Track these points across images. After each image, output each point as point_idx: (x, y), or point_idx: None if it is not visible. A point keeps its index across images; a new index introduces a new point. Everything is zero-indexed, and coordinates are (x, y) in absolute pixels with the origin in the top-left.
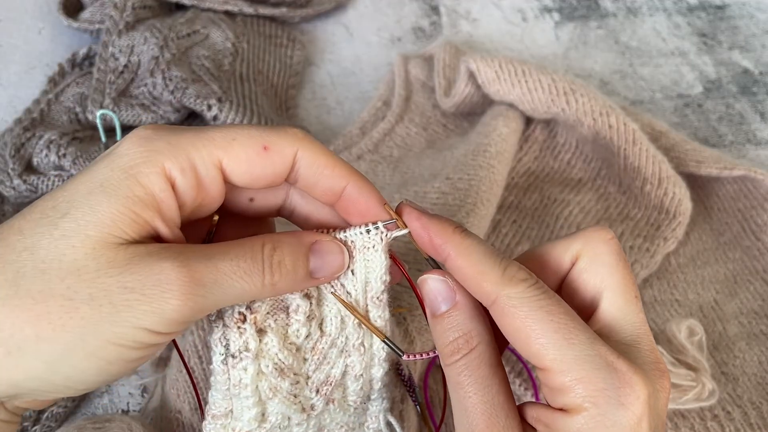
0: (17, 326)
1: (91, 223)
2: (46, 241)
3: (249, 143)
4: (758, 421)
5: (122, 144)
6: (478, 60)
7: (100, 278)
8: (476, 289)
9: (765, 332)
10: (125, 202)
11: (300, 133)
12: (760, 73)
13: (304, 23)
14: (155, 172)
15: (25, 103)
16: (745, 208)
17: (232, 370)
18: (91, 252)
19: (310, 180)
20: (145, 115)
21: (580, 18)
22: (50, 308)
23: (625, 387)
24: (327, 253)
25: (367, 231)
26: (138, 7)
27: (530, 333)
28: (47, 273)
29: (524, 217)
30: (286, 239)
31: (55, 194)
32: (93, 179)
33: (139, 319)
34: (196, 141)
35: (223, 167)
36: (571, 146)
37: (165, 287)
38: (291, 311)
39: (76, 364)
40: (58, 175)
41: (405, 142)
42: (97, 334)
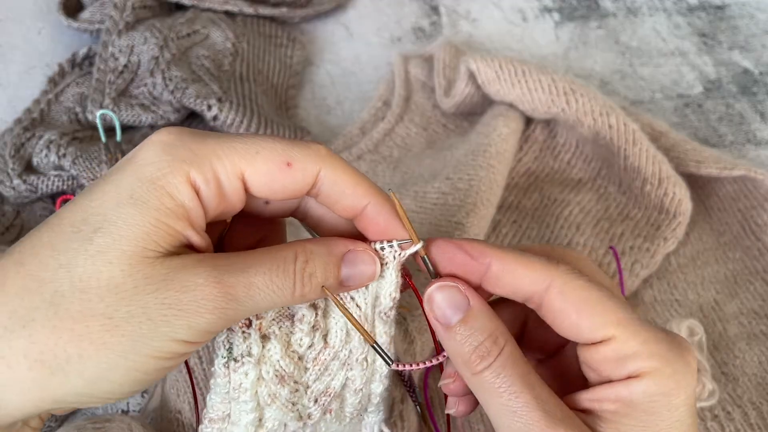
0: (60, 347)
1: (125, 237)
2: (81, 258)
3: (272, 158)
4: (758, 422)
5: (145, 151)
6: (478, 60)
7: (138, 295)
8: (527, 282)
9: (765, 332)
10: (157, 214)
11: (323, 150)
12: (760, 73)
13: (304, 23)
14: (182, 182)
15: (25, 103)
16: (745, 208)
17: (233, 373)
18: (128, 268)
19: (331, 197)
20: (145, 115)
21: (580, 18)
22: (91, 328)
23: (683, 346)
24: (360, 263)
25: (381, 249)
26: (138, 7)
27: (593, 302)
28: (86, 292)
29: (524, 217)
30: (318, 250)
31: (83, 205)
32: (121, 190)
33: (177, 332)
34: (219, 150)
35: (245, 179)
36: (571, 146)
37: (200, 302)
38: (296, 320)
39: (116, 379)
40: (57, 175)
41: (405, 142)
42: (136, 350)
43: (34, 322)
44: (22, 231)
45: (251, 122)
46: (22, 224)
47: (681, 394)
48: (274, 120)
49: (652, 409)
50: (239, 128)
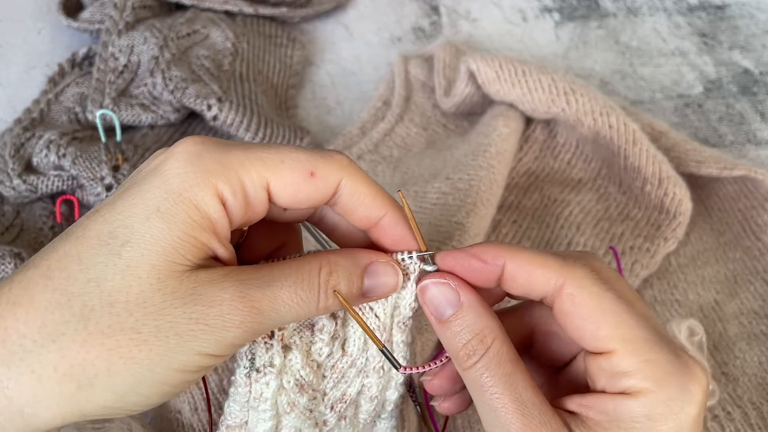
0: (89, 361)
1: (153, 252)
2: (110, 273)
3: (297, 167)
4: (758, 422)
5: (171, 162)
6: (478, 60)
7: (166, 310)
8: (541, 281)
9: (765, 332)
10: (184, 227)
11: (345, 161)
12: (760, 73)
13: (304, 23)
14: (210, 194)
15: (25, 103)
16: (746, 208)
17: (255, 383)
18: (156, 282)
19: (349, 206)
20: (145, 115)
21: (580, 18)
22: (120, 342)
23: (690, 374)
24: (383, 275)
25: (402, 260)
26: (138, 7)
27: (601, 312)
28: (115, 306)
29: (524, 217)
30: (342, 262)
31: (108, 217)
32: (147, 203)
33: (203, 347)
34: (245, 161)
35: (270, 189)
36: (571, 146)
37: (227, 317)
38: (316, 330)
39: (143, 392)
40: (57, 175)
41: (405, 142)
42: (164, 364)
43: (64, 337)
44: (22, 231)
45: (251, 122)
46: (21, 224)
47: (669, 421)
48: (274, 120)
49: (632, 429)
50: (239, 128)
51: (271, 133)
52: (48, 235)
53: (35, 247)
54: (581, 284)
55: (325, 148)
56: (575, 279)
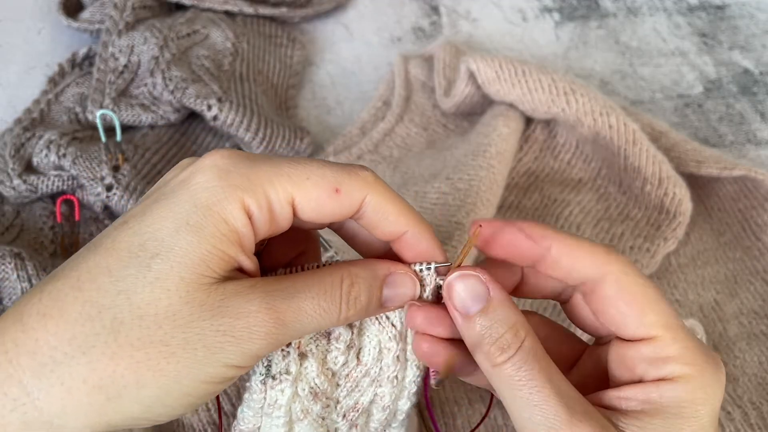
0: (118, 373)
1: (182, 264)
2: (140, 285)
3: (322, 184)
4: (758, 422)
5: (200, 175)
6: (478, 60)
7: (194, 322)
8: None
9: (765, 332)
10: (212, 240)
11: (370, 177)
12: (760, 73)
13: (304, 23)
14: (237, 208)
15: (25, 103)
16: (746, 208)
17: (270, 390)
18: (185, 295)
19: (372, 221)
20: (145, 115)
21: (580, 18)
22: (149, 355)
23: (717, 363)
24: (401, 286)
25: (420, 270)
26: (138, 7)
27: (647, 299)
28: (144, 319)
29: (524, 217)
30: (362, 273)
31: (137, 229)
32: (177, 216)
33: (229, 358)
34: (272, 177)
35: (295, 204)
36: (571, 146)
37: (253, 329)
38: (332, 338)
39: (170, 403)
40: (57, 175)
41: (405, 142)
42: (191, 376)
43: (94, 349)
44: (22, 231)
45: (251, 122)
46: (22, 224)
47: (708, 404)
48: (274, 120)
49: (679, 413)
50: (239, 128)
51: (271, 133)
52: (48, 235)
53: (35, 247)
54: (626, 271)
55: (351, 164)
56: (620, 266)
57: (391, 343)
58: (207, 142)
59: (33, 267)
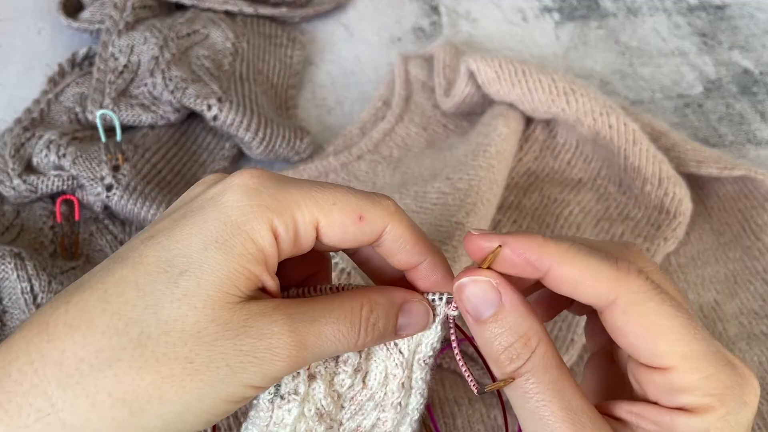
0: (142, 388)
1: (210, 282)
2: (168, 301)
3: (347, 210)
4: (758, 421)
5: (230, 194)
6: (478, 60)
7: (218, 341)
8: (590, 293)
9: (765, 332)
10: (240, 260)
11: (393, 207)
12: (760, 73)
13: (304, 23)
14: (265, 228)
15: (25, 103)
16: (746, 208)
17: (277, 410)
18: (211, 313)
19: (390, 250)
20: (145, 115)
21: (580, 18)
22: (174, 371)
23: (746, 384)
24: (416, 314)
25: (432, 300)
26: (138, 6)
27: (659, 330)
28: (170, 335)
29: (524, 217)
30: (380, 300)
31: (166, 245)
32: (205, 233)
33: (251, 379)
34: (300, 200)
35: (319, 228)
36: (571, 146)
37: (275, 351)
38: (341, 361)
39: (190, 420)
40: (57, 175)
41: (405, 142)
42: (213, 395)
43: (120, 362)
44: (22, 231)
45: (251, 122)
46: (21, 224)
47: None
48: (274, 120)
49: None
50: (239, 128)
51: (271, 133)
52: (48, 235)
53: (35, 247)
54: (635, 300)
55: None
56: (629, 294)
57: (398, 370)
58: (207, 142)
59: (33, 267)
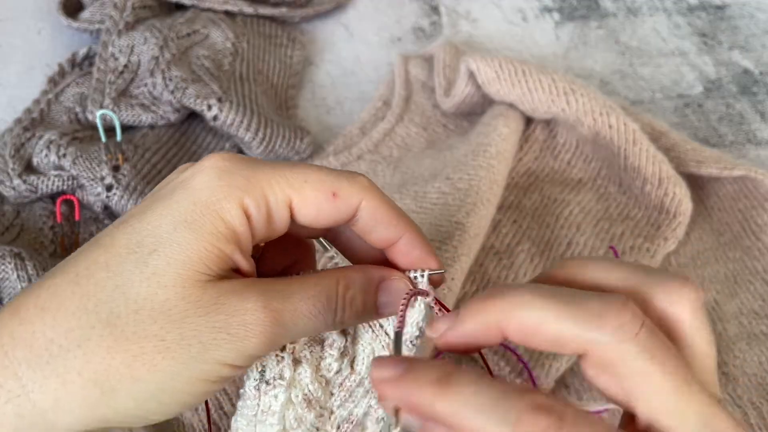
0: (113, 367)
1: (179, 260)
2: (137, 280)
3: (320, 187)
4: (758, 422)
5: (199, 175)
6: (478, 60)
7: (189, 318)
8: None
9: (765, 332)
10: (210, 239)
11: (366, 183)
12: (760, 73)
13: (304, 23)
14: (236, 207)
15: (25, 103)
16: (746, 208)
17: (264, 396)
18: (181, 291)
19: (367, 227)
20: (145, 115)
21: (580, 18)
22: (144, 349)
23: None
24: (395, 292)
25: (415, 278)
26: (138, 7)
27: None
28: (140, 313)
29: (524, 217)
30: (357, 276)
31: (136, 227)
32: (175, 213)
33: (225, 356)
34: (270, 179)
35: (293, 207)
36: (571, 146)
37: (249, 328)
38: (326, 345)
39: (164, 400)
40: (58, 175)
41: (405, 142)
42: (186, 373)
43: (89, 342)
44: (22, 231)
45: (251, 122)
46: (21, 224)
47: None
48: (274, 120)
49: None
50: (239, 128)
51: (271, 133)
52: (48, 235)
53: (35, 247)
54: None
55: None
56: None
57: (385, 352)
58: (207, 142)
59: (33, 267)
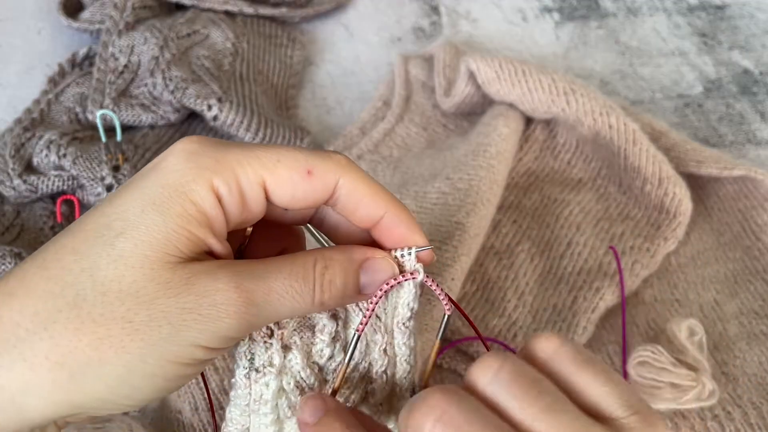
0: (80, 349)
1: (147, 242)
2: (104, 263)
3: (293, 166)
4: (758, 421)
5: (169, 158)
6: (478, 60)
7: (158, 299)
8: None
9: (765, 332)
10: (179, 220)
11: (343, 160)
12: (760, 73)
13: (304, 23)
14: (205, 189)
15: (25, 103)
16: (746, 208)
17: (255, 384)
18: (150, 272)
19: (348, 206)
20: (145, 115)
21: (580, 18)
22: (111, 331)
23: None
24: (378, 271)
25: (401, 256)
26: (138, 7)
27: None
28: (107, 295)
29: (524, 217)
30: (336, 256)
31: (105, 211)
32: (144, 196)
33: (196, 337)
34: (242, 159)
35: (267, 187)
36: (571, 146)
37: (220, 308)
38: (317, 330)
39: (136, 384)
40: (58, 175)
41: (405, 142)
42: (156, 354)
43: (56, 324)
44: (22, 231)
45: (251, 122)
46: (22, 224)
47: None
48: (274, 120)
49: None
50: (239, 128)
51: (272, 133)
52: (48, 235)
53: (35, 247)
54: None
55: (325, 149)
56: None
57: (377, 336)
58: None
59: None
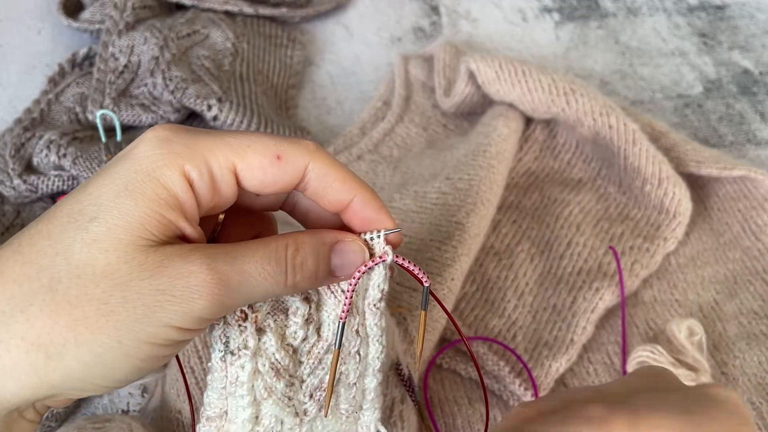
0: (56, 331)
1: (120, 226)
2: (78, 246)
3: (263, 151)
4: (758, 421)
5: (140, 145)
6: (478, 60)
7: (132, 281)
8: None
9: (765, 332)
10: (151, 204)
11: (312, 146)
12: (760, 73)
13: (304, 23)
14: (177, 174)
15: (25, 103)
16: (745, 208)
17: (230, 367)
18: (123, 255)
19: (318, 191)
20: (145, 115)
21: (580, 18)
22: (87, 312)
23: None
24: (349, 252)
25: (371, 239)
26: (138, 7)
27: None
28: (82, 278)
29: (524, 217)
30: (307, 239)
31: (79, 197)
32: (116, 182)
33: (171, 318)
34: (212, 145)
35: (237, 172)
36: (571, 146)
37: (194, 289)
38: (290, 313)
39: (112, 364)
40: (58, 175)
41: (405, 142)
42: (131, 335)
43: (32, 307)
44: None
45: (251, 122)
46: (22, 224)
47: None
48: (274, 120)
49: None
50: (239, 128)
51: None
52: None
53: None
54: None
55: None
56: None
57: (349, 317)
58: None
59: None
